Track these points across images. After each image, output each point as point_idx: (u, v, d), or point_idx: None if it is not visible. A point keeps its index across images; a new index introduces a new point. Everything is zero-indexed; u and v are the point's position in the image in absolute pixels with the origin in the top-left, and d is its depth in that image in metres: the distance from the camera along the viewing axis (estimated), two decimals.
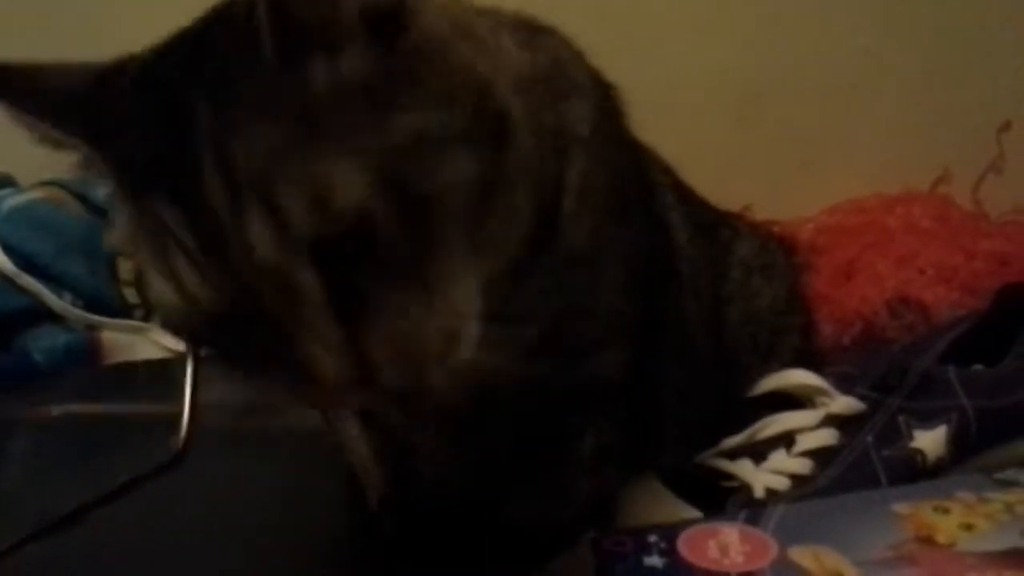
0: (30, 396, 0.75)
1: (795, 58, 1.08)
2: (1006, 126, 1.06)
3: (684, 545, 0.55)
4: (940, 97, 1.06)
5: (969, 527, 0.54)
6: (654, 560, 0.54)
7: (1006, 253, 0.93)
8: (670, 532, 0.56)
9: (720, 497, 0.66)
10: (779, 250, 0.85)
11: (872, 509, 0.56)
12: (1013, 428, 0.67)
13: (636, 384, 0.61)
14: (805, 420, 0.69)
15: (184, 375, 0.54)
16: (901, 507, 0.56)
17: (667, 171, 0.75)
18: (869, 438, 0.67)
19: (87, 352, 0.83)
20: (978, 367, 0.71)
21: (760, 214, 1.06)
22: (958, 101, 1.05)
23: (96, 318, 0.85)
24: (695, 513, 0.64)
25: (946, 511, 0.56)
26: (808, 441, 0.68)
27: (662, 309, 0.64)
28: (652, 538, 0.55)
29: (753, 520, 0.56)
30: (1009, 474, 0.59)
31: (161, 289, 0.45)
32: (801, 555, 0.53)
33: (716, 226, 0.81)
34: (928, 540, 0.53)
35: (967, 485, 0.59)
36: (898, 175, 1.05)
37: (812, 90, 1.08)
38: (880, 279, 0.92)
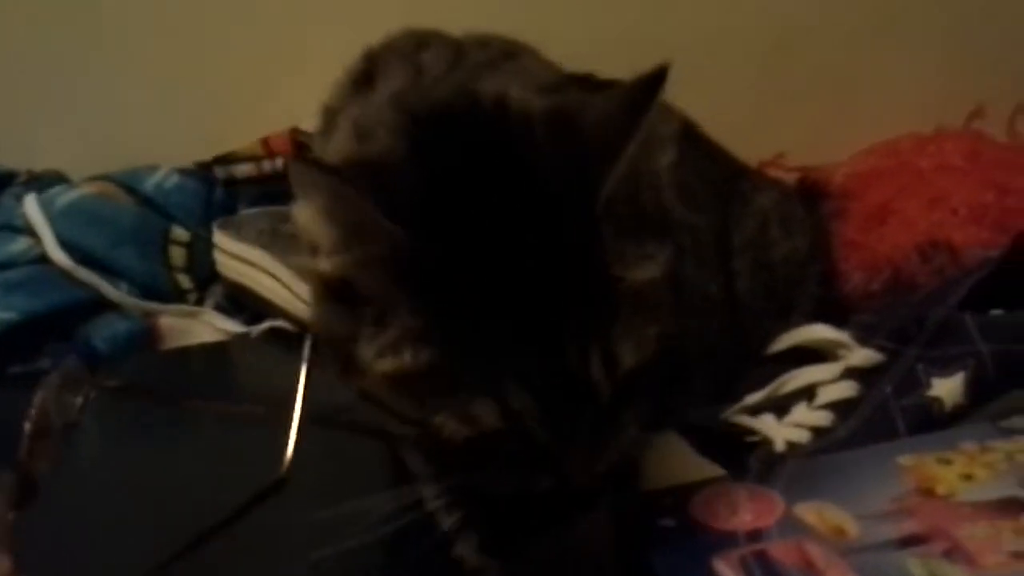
0: None
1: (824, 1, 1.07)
2: None
3: (696, 506, 0.57)
4: (972, 32, 1.05)
5: (968, 477, 0.56)
6: (667, 521, 0.56)
7: None
8: (683, 493, 0.58)
9: (742, 453, 0.68)
10: (800, 202, 0.86)
11: (878, 463, 0.58)
12: None
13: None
14: (825, 373, 0.71)
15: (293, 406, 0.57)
16: (906, 459, 0.58)
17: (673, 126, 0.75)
18: (888, 388, 0.68)
19: (146, 338, 0.88)
20: (997, 312, 0.71)
21: (794, 160, 1.07)
22: (990, 35, 1.04)
23: (152, 305, 0.90)
24: (717, 470, 0.66)
25: (948, 462, 0.57)
26: (829, 394, 0.70)
27: None
28: (666, 500, 0.58)
29: (763, 479, 0.59)
30: (1014, 421, 0.61)
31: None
32: (806, 511, 0.55)
33: (735, 178, 0.82)
34: (928, 492, 0.55)
35: (972, 435, 0.61)
36: (932, 114, 1.05)
37: (842, 33, 1.08)
38: (911, 222, 0.92)
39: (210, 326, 0.91)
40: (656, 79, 0.50)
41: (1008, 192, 0.92)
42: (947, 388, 0.67)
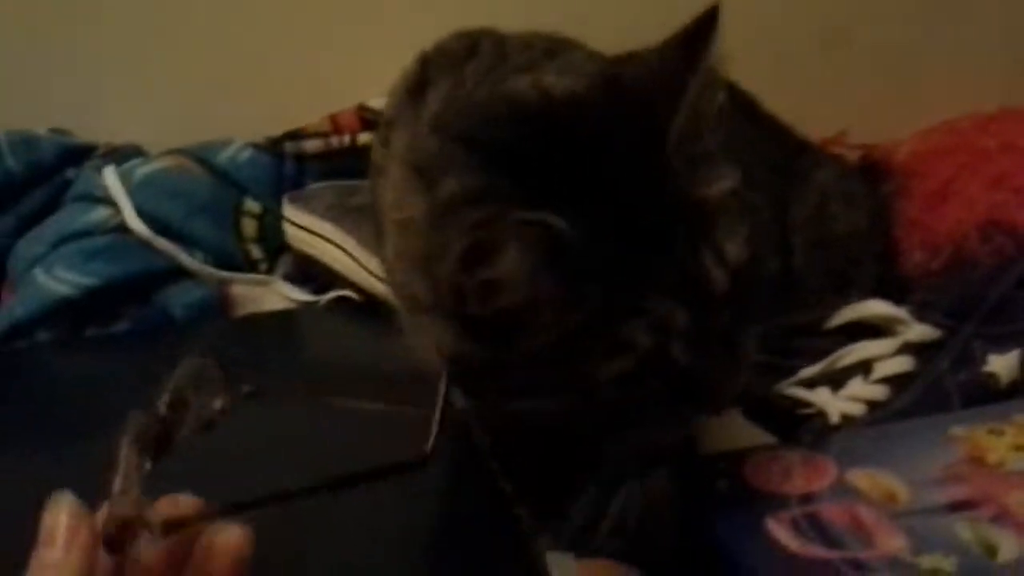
0: None
1: None
2: None
3: (750, 470, 0.59)
4: None
5: (1020, 448, 0.57)
6: (722, 483, 0.58)
7: None
8: (738, 458, 0.60)
9: (796, 424, 0.70)
10: (861, 179, 0.86)
11: (930, 433, 0.59)
12: None
13: None
14: (882, 348, 0.72)
15: (440, 382, 0.59)
16: (958, 430, 0.59)
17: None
18: (944, 363, 0.69)
19: (219, 305, 0.92)
20: None
21: (856, 138, 1.07)
22: None
23: (225, 274, 0.93)
24: (771, 439, 0.68)
25: (1001, 433, 0.58)
26: (885, 368, 0.71)
27: None
28: (721, 464, 0.60)
29: (817, 447, 0.60)
30: None
31: None
32: (858, 477, 0.57)
33: (796, 154, 0.83)
34: (979, 460, 0.56)
35: None
36: (996, 92, 1.04)
37: (904, 8, 1.07)
38: (973, 201, 0.92)
39: (279, 295, 0.94)
40: (708, 20, 0.53)
41: None
42: (1003, 364, 0.68)
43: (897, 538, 0.51)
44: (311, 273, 0.95)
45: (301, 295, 0.93)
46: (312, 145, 1.01)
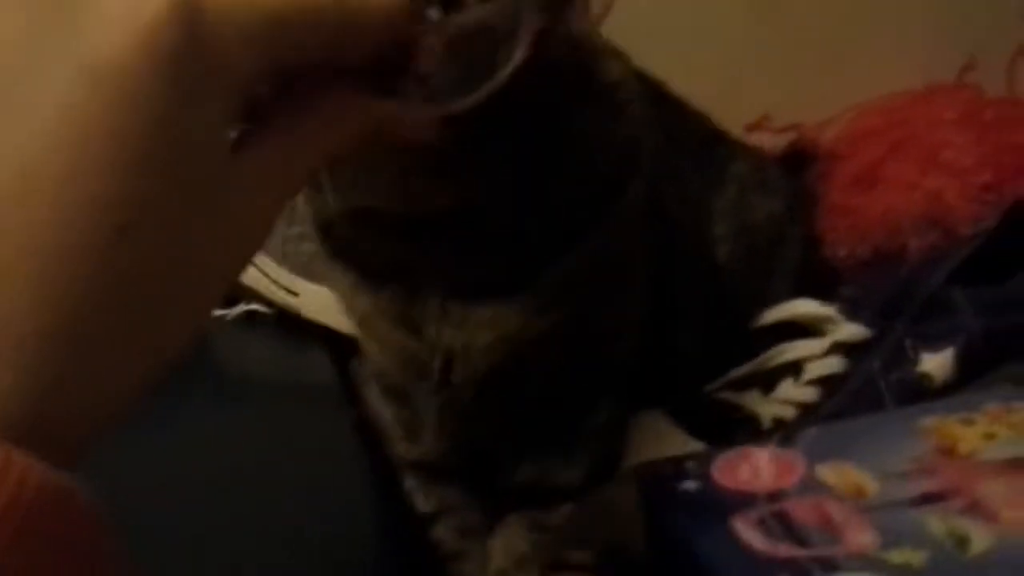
0: None
1: None
2: None
3: (718, 469, 0.56)
4: None
5: (991, 436, 0.55)
6: (689, 484, 0.56)
7: None
8: (706, 458, 0.58)
9: (728, 430, 0.67)
10: (778, 169, 0.85)
11: (900, 425, 0.57)
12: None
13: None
14: (812, 348, 0.69)
15: None
16: (929, 421, 0.57)
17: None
18: (875, 364, 0.67)
19: None
20: (988, 286, 0.69)
21: (780, 120, 1.04)
22: None
23: None
24: (701, 447, 0.65)
25: (972, 423, 0.57)
26: (816, 369, 0.69)
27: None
28: (689, 464, 0.57)
29: (786, 443, 0.58)
30: None
31: None
32: (827, 471, 0.54)
33: (712, 143, 0.80)
34: (949, 451, 0.55)
35: (997, 397, 0.60)
36: (922, 69, 1.01)
37: None
38: (904, 184, 0.90)
39: None
40: None
41: (1005, 149, 0.90)
42: (936, 363, 0.66)
43: (866, 533, 0.50)
44: None
45: None
46: None
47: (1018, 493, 0.51)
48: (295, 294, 0.82)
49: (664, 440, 0.66)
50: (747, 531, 0.51)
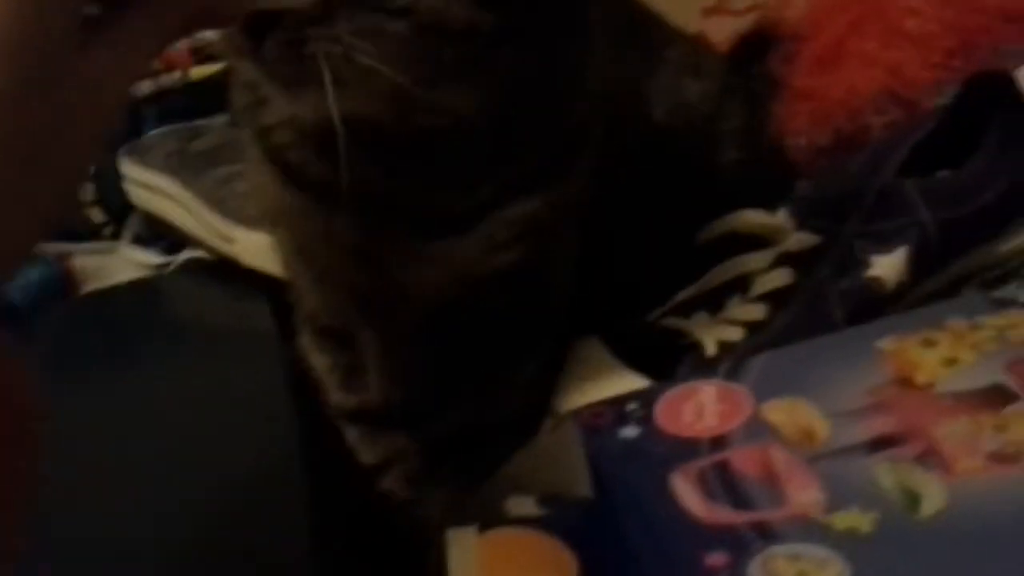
0: None
1: None
2: None
3: (661, 411, 0.53)
4: None
5: (952, 362, 0.51)
6: (629, 431, 0.53)
7: (1007, 8, 0.83)
8: (649, 397, 0.54)
9: (672, 360, 0.63)
10: (713, 55, 0.81)
11: (857, 349, 0.54)
12: (977, 236, 0.62)
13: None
14: (759, 261, 0.65)
15: None
16: (887, 343, 0.53)
17: None
18: (824, 272, 0.63)
19: (62, 283, 0.84)
20: (943, 173, 0.65)
21: (740, 1, 0.98)
22: None
23: (64, 246, 0.86)
24: (644, 383, 0.62)
25: (933, 344, 0.53)
26: (763, 284, 0.65)
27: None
28: (631, 406, 0.54)
29: (733, 375, 0.54)
30: (1009, 291, 0.57)
31: None
32: (774, 411, 0.51)
33: (647, 28, 0.75)
34: (907, 381, 0.51)
35: (962, 309, 0.56)
36: None
37: None
38: (868, 62, 0.84)
39: (127, 261, 0.86)
40: None
41: (970, 11, 0.83)
42: (888, 264, 0.61)
43: (811, 490, 0.46)
44: (160, 232, 0.87)
45: (149, 257, 0.86)
46: (142, 87, 0.92)
47: (975, 435, 0.47)
48: (231, 241, 0.79)
49: (602, 377, 0.63)
50: (687, 489, 0.48)
